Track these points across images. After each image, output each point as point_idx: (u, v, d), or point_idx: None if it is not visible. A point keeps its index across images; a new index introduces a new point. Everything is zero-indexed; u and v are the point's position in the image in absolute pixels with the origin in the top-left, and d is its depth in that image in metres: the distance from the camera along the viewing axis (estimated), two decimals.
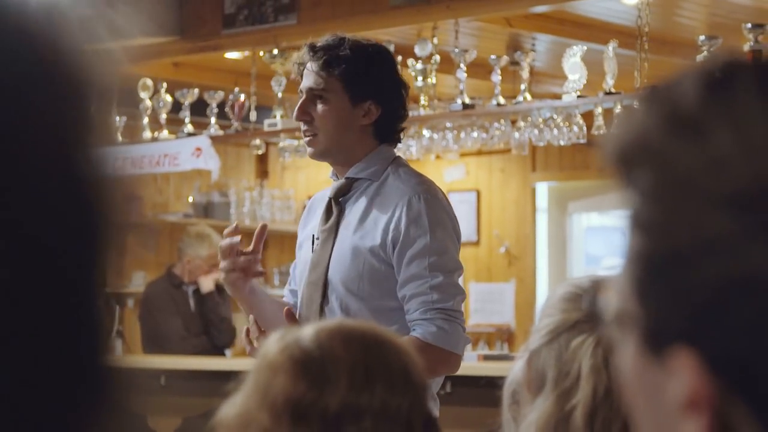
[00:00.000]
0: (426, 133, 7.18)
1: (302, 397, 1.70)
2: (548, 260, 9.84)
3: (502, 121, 7.03)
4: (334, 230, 3.34)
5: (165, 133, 7.79)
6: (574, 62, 6.61)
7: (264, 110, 7.80)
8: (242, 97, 7.72)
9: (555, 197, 9.96)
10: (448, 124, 7.13)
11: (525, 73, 6.91)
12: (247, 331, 3.33)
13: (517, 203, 9.83)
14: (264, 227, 3.37)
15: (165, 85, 7.79)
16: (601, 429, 1.77)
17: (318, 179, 9.10)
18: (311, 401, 1.70)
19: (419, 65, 6.92)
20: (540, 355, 1.86)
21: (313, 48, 3.33)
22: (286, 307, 3.29)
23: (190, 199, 9.58)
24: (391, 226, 3.25)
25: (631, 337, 0.77)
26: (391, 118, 3.36)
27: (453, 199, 3.64)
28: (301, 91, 3.37)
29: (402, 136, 3.47)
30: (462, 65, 6.84)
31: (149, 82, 7.68)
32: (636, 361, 0.77)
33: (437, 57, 6.89)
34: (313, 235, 3.39)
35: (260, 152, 8.13)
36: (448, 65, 6.99)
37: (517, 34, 7.31)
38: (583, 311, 1.84)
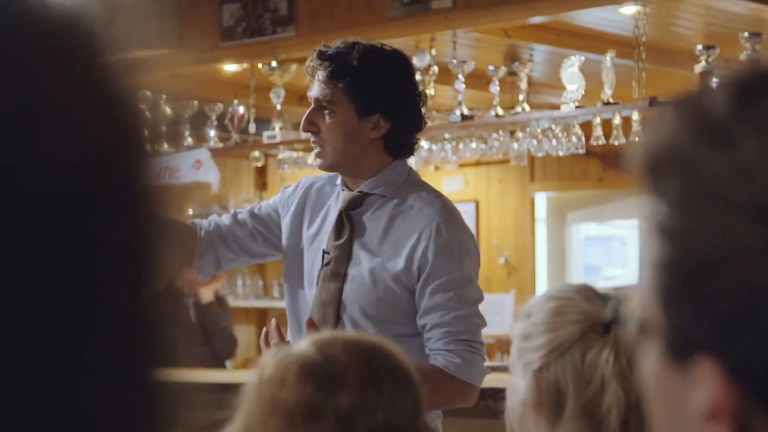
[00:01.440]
0: (425, 144, 7.18)
1: (312, 398, 1.72)
2: (547, 270, 9.84)
3: (501, 131, 7.03)
4: (348, 248, 3.17)
5: (164, 146, 7.78)
6: (572, 72, 6.62)
7: (263, 122, 7.81)
8: (241, 109, 7.72)
9: (553, 207, 9.96)
10: (447, 135, 7.14)
11: (523, 84, 6.91)
12: (266, 334, 3.07)
13: (516, 214, 9.82)
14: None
15: (164, 97, 7.79)
16: None
17: None
18: (322, 401, 1.72)
19: (417, 76, 6.92)
20: (548, 371, 1.83)
21: (321, 55, 3.15)
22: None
23: (190, 212, 9.58)
24: (417, 254, 3.10)
25: (654, 345, 0.77)
26: (402, 131, 3.18)
27: None
28: (310, 98, 3.21)
29: (416, 147, 3.27)
30: (460, 76, 6.84)
31: (148, 94, 7.67)
32: (658, 369, 0.77)
33: (435, 68, 6.89)
34: (323, 250, 3.21)
35: (259, 164, 8.13)
36: (446, 76, 6.99)
37: (514, 44, 7.31)
38: (580, 323, 1.82)
